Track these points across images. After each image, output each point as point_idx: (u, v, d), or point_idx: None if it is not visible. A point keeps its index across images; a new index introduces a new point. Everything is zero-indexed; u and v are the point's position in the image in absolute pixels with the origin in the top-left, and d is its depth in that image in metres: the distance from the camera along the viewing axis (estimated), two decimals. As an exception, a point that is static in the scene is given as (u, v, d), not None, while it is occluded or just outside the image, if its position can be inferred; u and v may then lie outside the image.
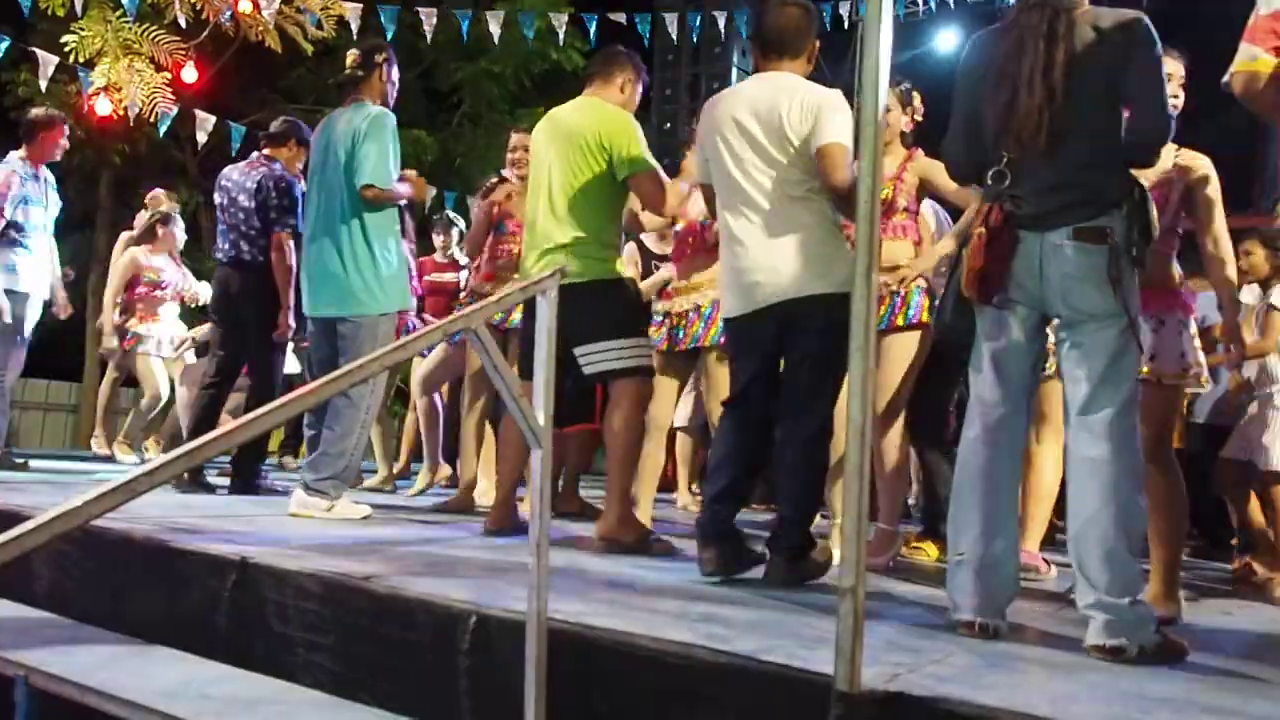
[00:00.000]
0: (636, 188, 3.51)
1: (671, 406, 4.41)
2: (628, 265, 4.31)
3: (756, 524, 4.49)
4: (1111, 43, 2.26)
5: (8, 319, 5.16)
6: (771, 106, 2.96)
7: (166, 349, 6.47)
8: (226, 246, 4.86)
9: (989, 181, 2.37)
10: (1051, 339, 2.67)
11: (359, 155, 3.90)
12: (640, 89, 3.76)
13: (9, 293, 5.19)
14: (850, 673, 1.66)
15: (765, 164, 2.95)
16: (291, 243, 4.68)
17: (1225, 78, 2.13)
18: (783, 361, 3.03)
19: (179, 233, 6.57)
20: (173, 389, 6.46)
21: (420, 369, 5.55)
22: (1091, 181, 2.27)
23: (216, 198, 4.96)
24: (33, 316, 5.36)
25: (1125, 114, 2.29)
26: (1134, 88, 2.26)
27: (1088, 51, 2.27)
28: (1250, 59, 2.06)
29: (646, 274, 4.82)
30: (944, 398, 4.20)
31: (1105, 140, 2.29)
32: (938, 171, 3.61)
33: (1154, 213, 2.29)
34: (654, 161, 3.52)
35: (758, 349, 3.01)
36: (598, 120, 3.52)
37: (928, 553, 3.94)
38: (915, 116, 3.82)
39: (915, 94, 3.82)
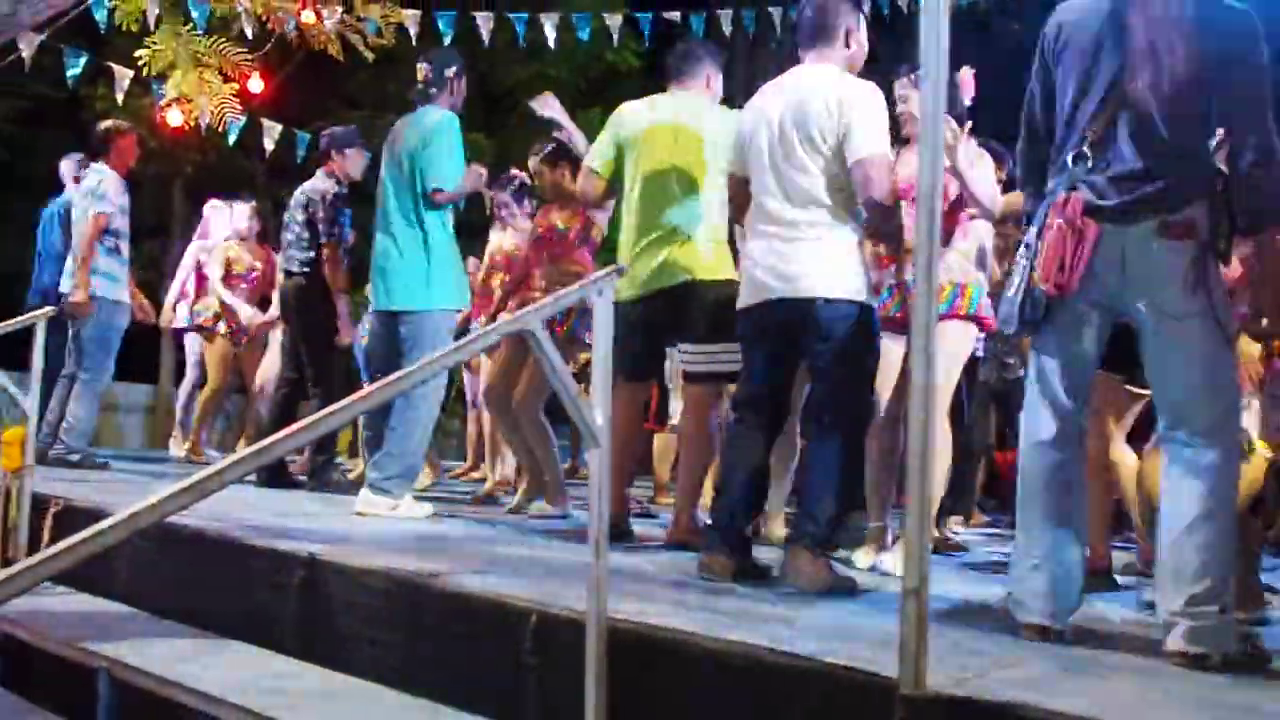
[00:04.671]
0: None
1: None
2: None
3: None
4: (1217, 38, 2.14)
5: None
6: (801, 104, 2.85)
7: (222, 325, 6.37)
8: (285, 259, 5.08)
9: (1068, 163, 2.23)
10: None
11: (424, 160, 4.01)
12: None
13: (116, 303, 5.28)
14: (915, 675, 1.64)
15: (794, 164, 2.85)
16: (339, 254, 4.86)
17: None
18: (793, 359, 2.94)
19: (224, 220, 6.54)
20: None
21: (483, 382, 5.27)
22: (1176, 169, 2.15)
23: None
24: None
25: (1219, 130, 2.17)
26: (1236, 109, 2.15)
27: (1191, 38, 2.14)
28: None
29: None
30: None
31: (1194, 126, 2.17)
32: None
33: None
34: None
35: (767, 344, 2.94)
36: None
37: None
38: None
39: None
